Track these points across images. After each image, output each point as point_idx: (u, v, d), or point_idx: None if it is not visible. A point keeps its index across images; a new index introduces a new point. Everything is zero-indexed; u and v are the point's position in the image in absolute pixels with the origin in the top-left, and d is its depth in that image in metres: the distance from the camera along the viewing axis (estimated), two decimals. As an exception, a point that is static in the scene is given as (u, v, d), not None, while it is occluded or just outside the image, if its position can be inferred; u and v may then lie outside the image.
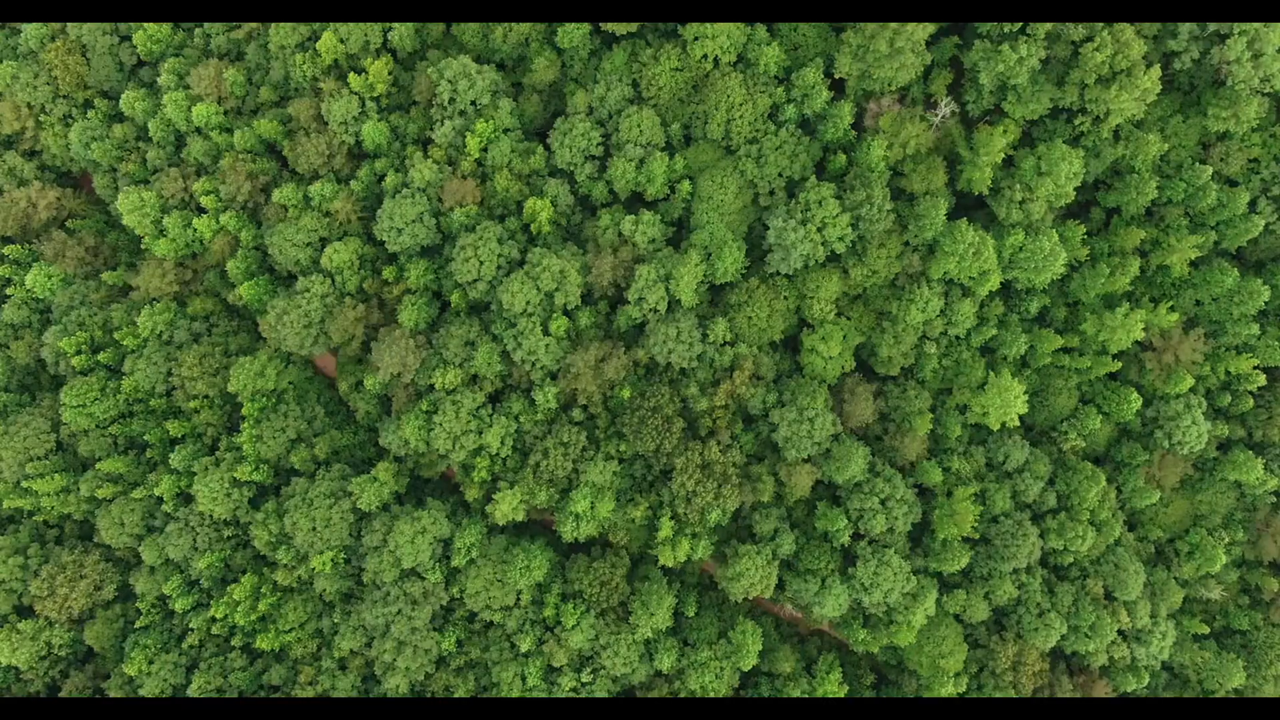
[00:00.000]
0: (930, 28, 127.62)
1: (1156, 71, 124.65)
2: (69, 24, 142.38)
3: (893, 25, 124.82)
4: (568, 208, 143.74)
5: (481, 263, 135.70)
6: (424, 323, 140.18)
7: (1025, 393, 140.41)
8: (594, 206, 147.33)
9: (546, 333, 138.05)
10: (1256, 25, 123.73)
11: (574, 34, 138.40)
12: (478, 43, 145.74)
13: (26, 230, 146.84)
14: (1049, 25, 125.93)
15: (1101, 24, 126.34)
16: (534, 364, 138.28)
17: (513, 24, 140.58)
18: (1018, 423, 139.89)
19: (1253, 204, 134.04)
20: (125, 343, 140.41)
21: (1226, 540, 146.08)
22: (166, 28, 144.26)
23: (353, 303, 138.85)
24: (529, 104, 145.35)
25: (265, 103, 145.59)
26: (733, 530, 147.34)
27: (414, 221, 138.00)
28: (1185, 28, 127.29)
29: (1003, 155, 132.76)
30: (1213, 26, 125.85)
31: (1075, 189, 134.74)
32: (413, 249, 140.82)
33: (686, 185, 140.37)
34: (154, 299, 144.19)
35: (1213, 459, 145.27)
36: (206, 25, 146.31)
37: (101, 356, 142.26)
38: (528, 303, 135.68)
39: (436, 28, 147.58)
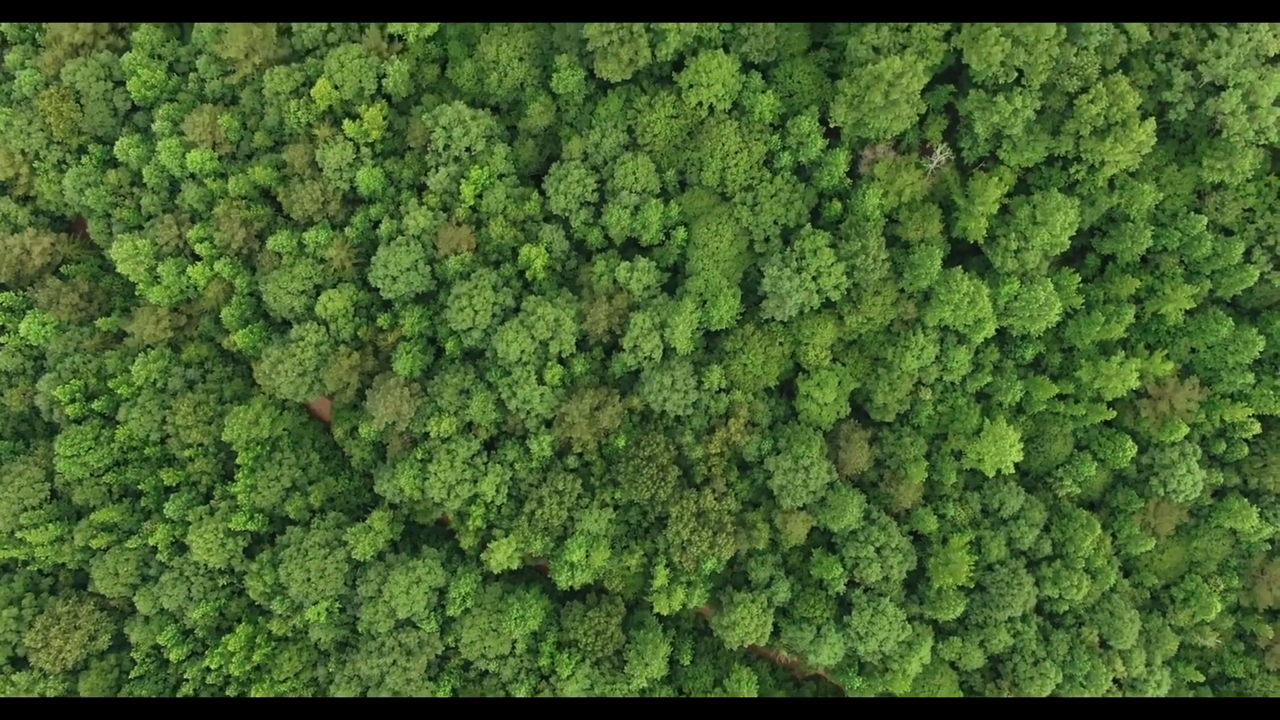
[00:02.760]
0: (925, 77, 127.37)
1: (1151, 125, 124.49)
2: (62, 70, 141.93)
3: (887, 77, 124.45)
4: (563, 253, 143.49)
5: (476, 311, 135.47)
6: (419, 370, 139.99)
7: (1020, 439, 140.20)
8: (589, 251, 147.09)
9: (541, 381, 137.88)
10: (1252, 78, 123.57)
11: (569, 80, 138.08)
12: (472, 86, 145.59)
13: (20, 276, 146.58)
14: (1044, 77, 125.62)
15: (1097, 76, 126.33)
16: (529, 412, 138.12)
17: (508, 70, 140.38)
18: (1013, 470, 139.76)
19: (1248, 253, 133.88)
20: (120, 391, 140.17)
21: (1222, 587, 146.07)
22: (160, 73, 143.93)
23: (347, 350, 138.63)
24: (524, 149, 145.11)
25: (260, 148, 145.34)
26: (728, 576, 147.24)
27: (409, 269, 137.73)
28: (1180, 79, 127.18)
29: (998, 205, 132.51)
30: (1207, 78, 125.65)
31: (1070, 236, 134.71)
32: (407, 296, 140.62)
33: (682, 232, 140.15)
34: (148, 346, 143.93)
35: (1208, 506, 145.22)
36: (200, 69, 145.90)
37: (96, 404, 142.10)
38: (522, 351, 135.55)
39: (431, 71, 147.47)
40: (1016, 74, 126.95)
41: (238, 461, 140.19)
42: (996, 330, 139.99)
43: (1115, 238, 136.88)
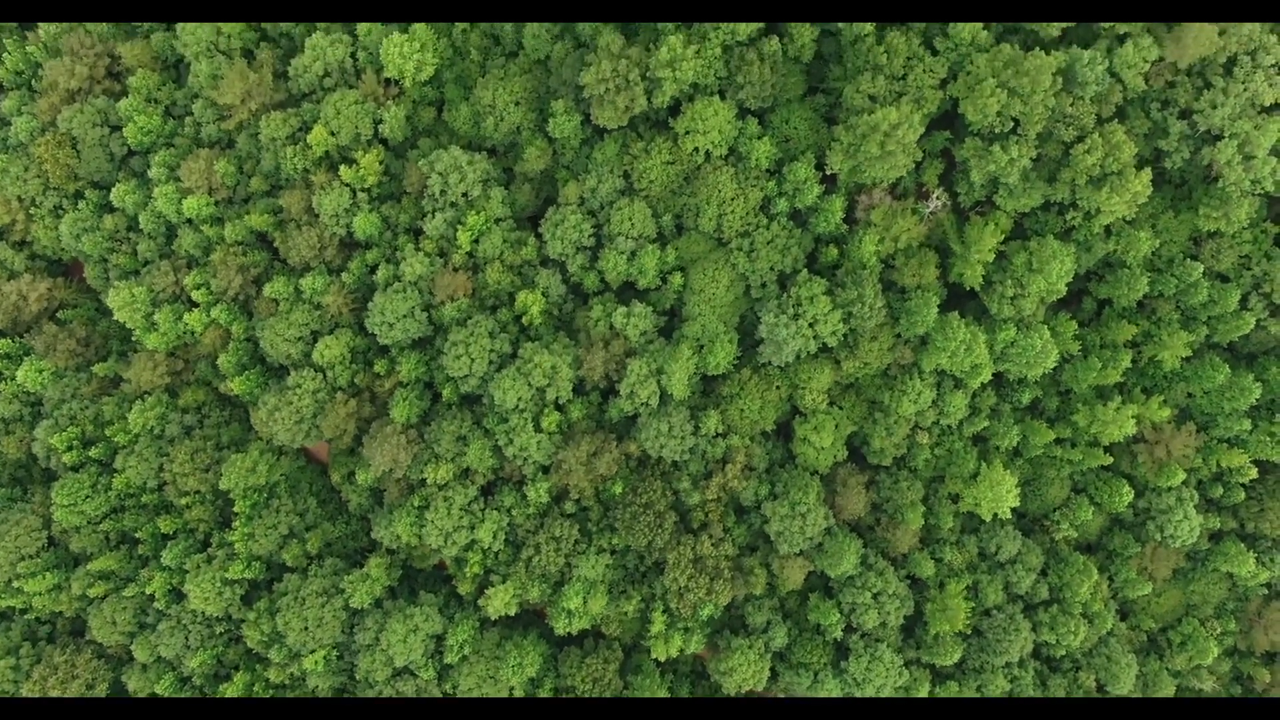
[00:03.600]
0: (920, 128, 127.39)
1: (1147, 176, 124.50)
2: (59, 117, 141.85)
3: (883, 127, 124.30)
4: (559, 297, 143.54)
5: (473, 359, 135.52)
6: (415, 416, 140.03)
7: (1017, 482, 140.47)
8: (586, 294, 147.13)
9: (538, 429, 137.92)
10: (1247, 127, 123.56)
11: (565, 125, 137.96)
12: (469, 129, 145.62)
13: (17, 322, 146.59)
14: (1040, 126, 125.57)
15: (1093, 126, 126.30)
16: (526, 459, 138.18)
17: (504, 114, 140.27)
18: (1009, 514, 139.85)
19: (1244, 300, 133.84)
20: (116, 439, 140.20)
21: (1218, 630, 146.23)
22: (156, 118, 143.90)
23: (344, 398, 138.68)
24: (521, 193, 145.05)
25: (256, 192, 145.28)
26: (726, 620, 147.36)
27: (405, 316, 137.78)
28: (1176, 128, 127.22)
29: (994, 253, 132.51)
30: (1203, 127, 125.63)
31: (1067, 282, 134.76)
32: (404, 342, 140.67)
33: (678, 278, 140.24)
34: (145, 392, 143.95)
35: (1205, 550, 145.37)
36: (197, 114, 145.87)
37: (93, 452, 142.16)
38: (519, 399, 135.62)
39: (427, 114, 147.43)
40: (1013, 123, 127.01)
41: (235, 509, 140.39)
42: (993, 374, 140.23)
43: (1112, 283, 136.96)
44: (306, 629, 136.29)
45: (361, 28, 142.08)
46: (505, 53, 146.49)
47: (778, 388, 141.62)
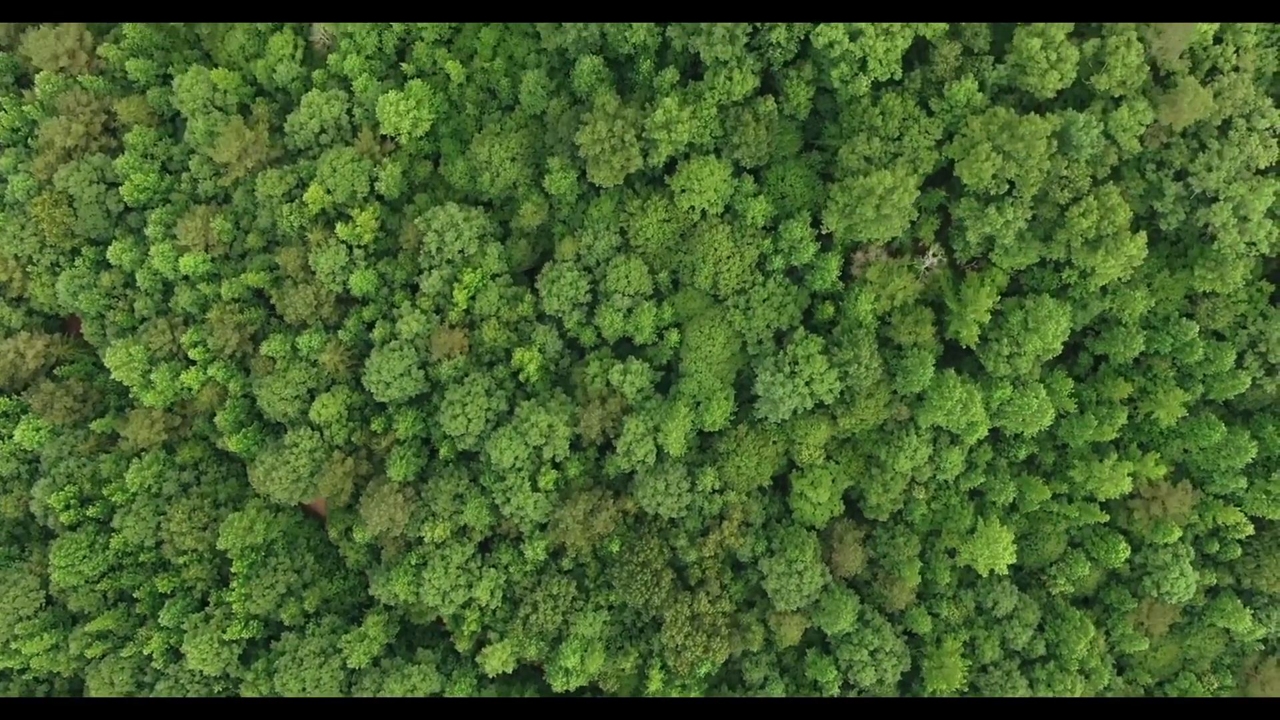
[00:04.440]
0: (915, 191, 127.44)
1: (1143, 239, 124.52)
2: (55, 176, 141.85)
3: (879, 191, 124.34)
4: (556, 353, 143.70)
5: (470, 419, 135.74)
6: (413, 474, 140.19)
7: (1014, 537, 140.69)
8: (583, 349, 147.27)
9: (535, 487, 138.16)
10: (1243, 191, 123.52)
11: (561, 182, 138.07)
12: (465, 184, 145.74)
13: (14, 380, 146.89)
14: (1035, 189, 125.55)
15: (1088, 188, 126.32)
16: (523, 518, 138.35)
17: (500, 170, 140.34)
18: (1006, 570, 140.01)
19: (1240, 358, 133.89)
20: (114, 498, 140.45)
21: (1215, 685, 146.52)
22: (153, 175, 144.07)
23: (341, 456, 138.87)
24: (517, 248, 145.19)
25: (253, 248, 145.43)
26: (723, 675, 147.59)
27: (402, 375, 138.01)
28: (1171, 190, 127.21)
29: (989, 314, 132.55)
30: (1198, 189, 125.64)
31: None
32: (401, 399, 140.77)
33: (675, 335, 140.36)
34: (142, 450, 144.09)
35: (1201, 606, 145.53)
36: (193, 170, 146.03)
37: (90, 511, 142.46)
38: (516, 458, 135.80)
39: (424, 168, 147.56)
40: (1008, 185, 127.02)
41: (233, 569, 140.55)
42: (990, 429, 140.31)
43: (1108, 339, 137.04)
44: (304, 689, 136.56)
45: (358, 84, 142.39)
46: (501, 106, 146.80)
47: (774, 443, 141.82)
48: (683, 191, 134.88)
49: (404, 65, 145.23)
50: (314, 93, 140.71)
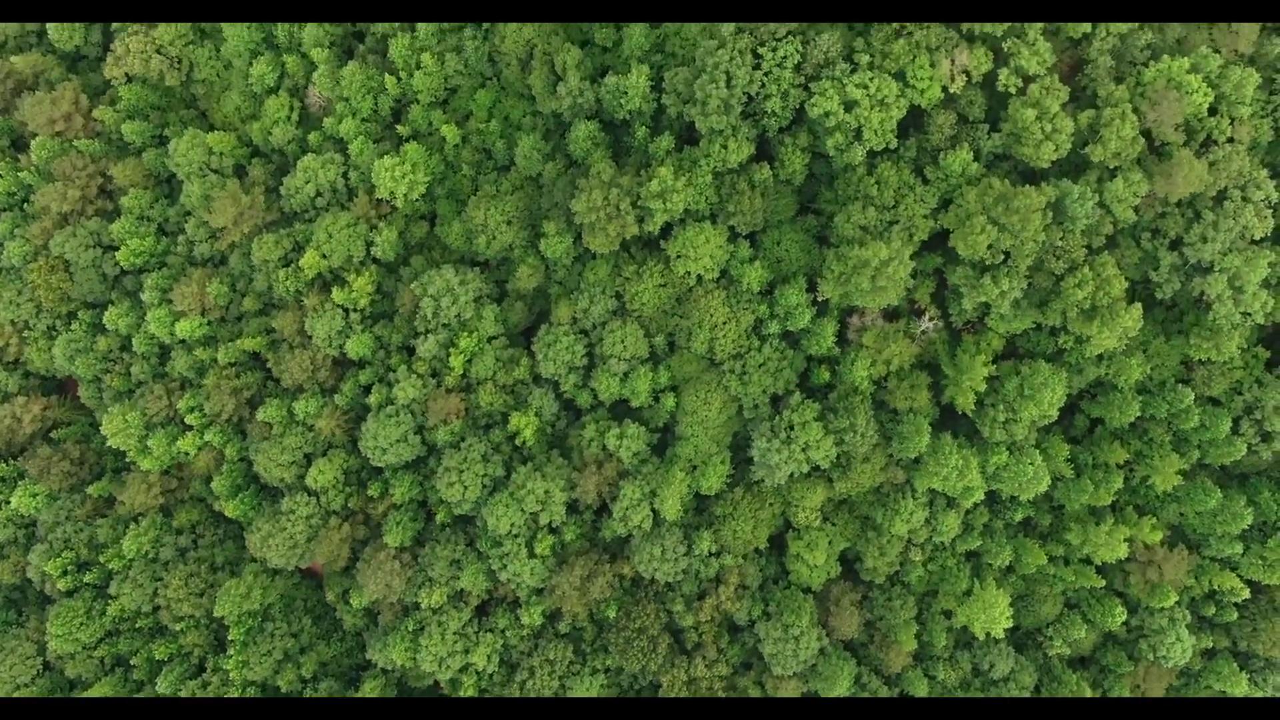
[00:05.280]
0: (910, 263, 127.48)
1: (1138, 311, 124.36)
2: (51, 241, 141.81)
3: (874, 264, 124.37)
4: (553, 415, 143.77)
5: (466, 486, 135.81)
6: (409, 539, 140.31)
7: (1011, 598, 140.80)
8: (580, 410, 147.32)
9: (532, 554, 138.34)
10: (1237, 263, 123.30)
11: (557, 246, 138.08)
12: (461, 245, 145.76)
13: (11, 444, 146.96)
14: (1030, 260, 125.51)
15: (1083, 258, 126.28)
16: (519, 583, 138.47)
17: (496, 233, 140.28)
18: (1002, 634, 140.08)
19: (1236, 424, 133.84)
20: (111, 565, 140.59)
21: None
22: (149, 239, 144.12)
23: (338, 523, 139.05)
24: (513, 310, 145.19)
25: (249, 311, 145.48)
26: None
27: (399, 441, 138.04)
28: (1166, 260, 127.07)
29: (985, 382, 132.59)
30: (1193, 259, 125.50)
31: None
32: (397, 464, 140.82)
33: (671, 399, 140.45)
34: (139, 514, 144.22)
35: (1198, 669, 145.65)
36: (189, 232, 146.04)
37: (87, 577, 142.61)
38: (512, 524, 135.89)
39: (420, 229, 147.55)
40: (1003, 255, 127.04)
41: (230, 637, 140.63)
42: (986, 490, 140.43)
43: (1104, 404, 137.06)
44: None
45: (353, 147, 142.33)
46: (497, 167, 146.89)
47: (770, 505, 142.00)
48: (678, 257, 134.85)
49: (399, 127, 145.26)
50: (309, 157, 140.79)
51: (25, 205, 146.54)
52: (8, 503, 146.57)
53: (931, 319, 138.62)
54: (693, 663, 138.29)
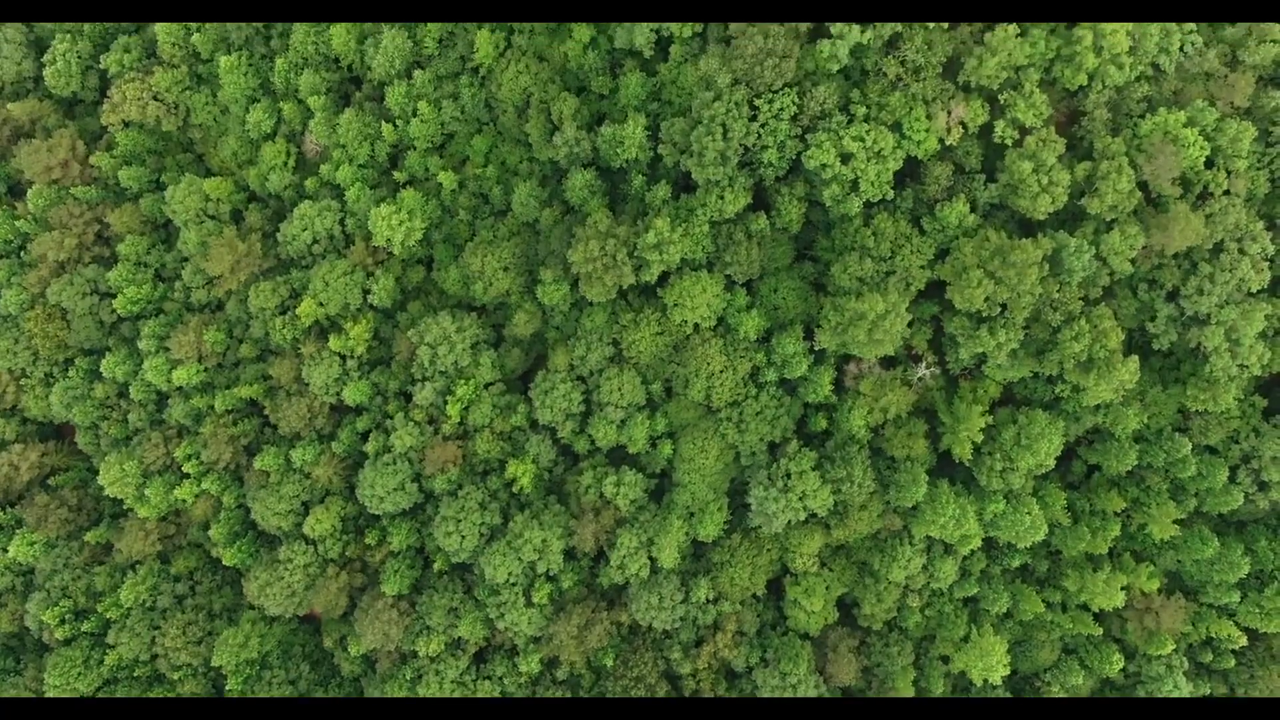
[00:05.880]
0: (907, 315, 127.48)
1: (1134, 364, 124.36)
2: (48, 290, 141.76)
3: (871, 317, 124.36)
4: (550, 461, 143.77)
5: (463, 536, 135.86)
6: (407, 587, 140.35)
7: (1008, 644, 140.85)
8: (577, 455, 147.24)
9: (529, 603, 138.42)
10: (1234, 315, 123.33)
11: (554, 293, 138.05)
12: (458, 290, 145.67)
13: (8, 492, 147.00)
14: (1027, 312, 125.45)
15: (1079, 310, 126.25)
16: (517, 631, 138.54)
17: (493, 280, 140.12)
18: (1000, 680, 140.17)
19: (1233, 473, 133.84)
20: (109, 614, 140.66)
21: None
22: (146, 286, 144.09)
23: (335, 571, 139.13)
24: (510, 356, 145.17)
25: (246, 357, 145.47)
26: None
27: (396, 490, 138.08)
28: (1163, 311, 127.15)
29: (982, 432, 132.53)
30: (1190, 311, 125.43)
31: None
32: (395, 512, 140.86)
33: (668, 446, 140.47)
34: (136, 562, 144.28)
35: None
36: (186, 278, 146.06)
37: (85, 625, 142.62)
38: (510, 574, 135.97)
39: (416, 274, 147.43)
40: (1000, 307, 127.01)
41: (228, 686, 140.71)
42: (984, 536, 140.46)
43: (1101, 451, 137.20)
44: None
45: (350, 194, 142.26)
46: (494, 212, 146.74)
47: (768, 550, 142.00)
48: (675, 306, 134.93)
49: (396, 173, 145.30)
50: (306, 204, 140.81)
51: (22, 253, 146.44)
52: (5, 551, 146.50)
53: (929, 366, 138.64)
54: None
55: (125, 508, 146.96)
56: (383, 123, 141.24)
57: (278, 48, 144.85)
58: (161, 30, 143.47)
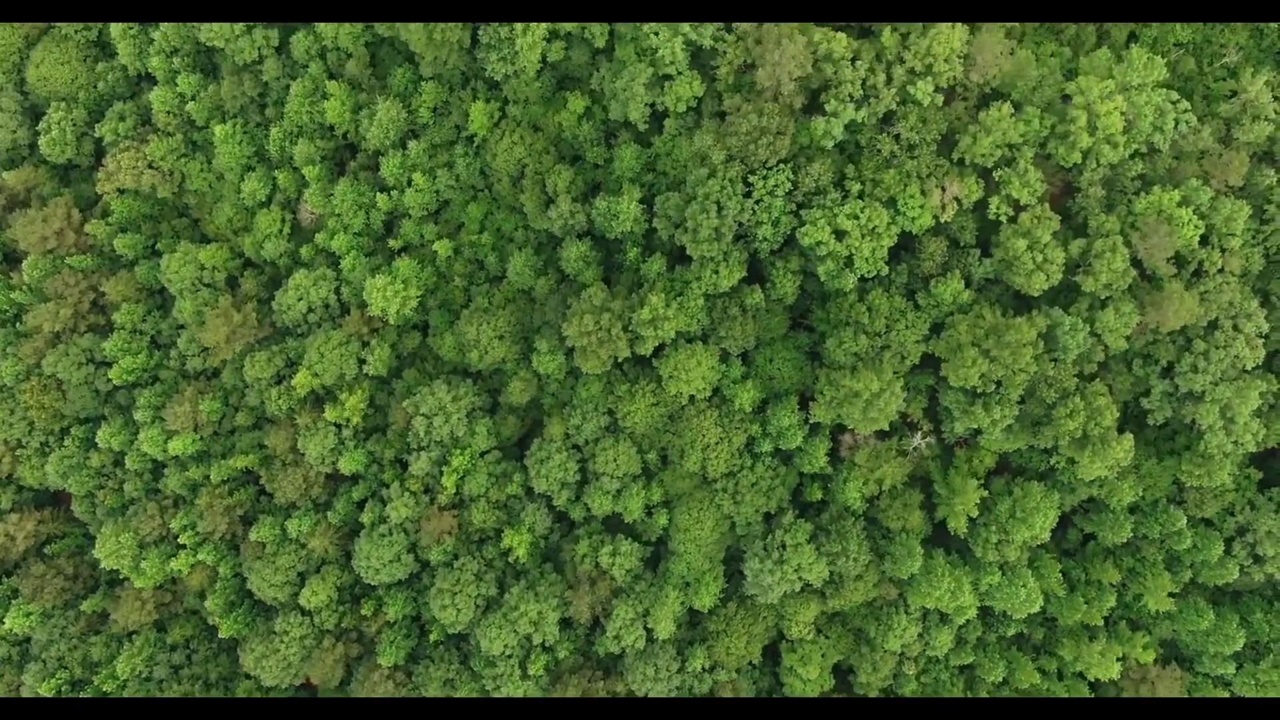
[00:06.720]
0: (901, 394, 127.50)
1: (1129, 441, 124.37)
2: (44, 361, 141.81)
3: (865, 395, 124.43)
4: (546, 529, 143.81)
5: (459, 609, 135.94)
6: (403, 658, 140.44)
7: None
8: (573, 522, 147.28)
9: (525, 675, 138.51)
10: (1229, 393, 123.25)
11: (549, 363, 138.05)
12: (454, 356, 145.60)
13: (5, 561, 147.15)
14: (1022, 387, 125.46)
15: (1074, 387, 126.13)
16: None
17: (489, 349, 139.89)
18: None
19: (1229, 545, 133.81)
20: (105, 686, 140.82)
21: None
22: (142, 355, 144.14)
23: (331, 643, 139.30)
24: (506, 423, 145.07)
25: (242, 426, 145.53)
26: None
27: (392, 561, 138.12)
28: (1158, 387, 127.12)
29: (977, 506, 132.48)
30: (1185, 388, 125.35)
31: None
32: (391, 582, 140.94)
33: (664, 516, 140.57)
34: (133, 631, 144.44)
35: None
36: (181, 346, 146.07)
37: (82, 695, 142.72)
38: (505, 646, 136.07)
39: (412, 340, 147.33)
40: (995, 384, 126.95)
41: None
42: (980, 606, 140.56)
43: (1096, 521, 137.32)
44: None
45: (345, 262, 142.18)
46: (489, 278, 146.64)
47: (764, 619, 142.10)
48: (670, 378, 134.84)
49: (391, 241, 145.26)
50: (301, 274, 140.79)
51: (18, 323, 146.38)
52: (1, 622, 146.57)
53: (924, 435, 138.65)
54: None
55: (121, 576, 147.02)
56: (378, 193, 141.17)
57: (272, 116, 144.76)
58: (156, 98, 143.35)
